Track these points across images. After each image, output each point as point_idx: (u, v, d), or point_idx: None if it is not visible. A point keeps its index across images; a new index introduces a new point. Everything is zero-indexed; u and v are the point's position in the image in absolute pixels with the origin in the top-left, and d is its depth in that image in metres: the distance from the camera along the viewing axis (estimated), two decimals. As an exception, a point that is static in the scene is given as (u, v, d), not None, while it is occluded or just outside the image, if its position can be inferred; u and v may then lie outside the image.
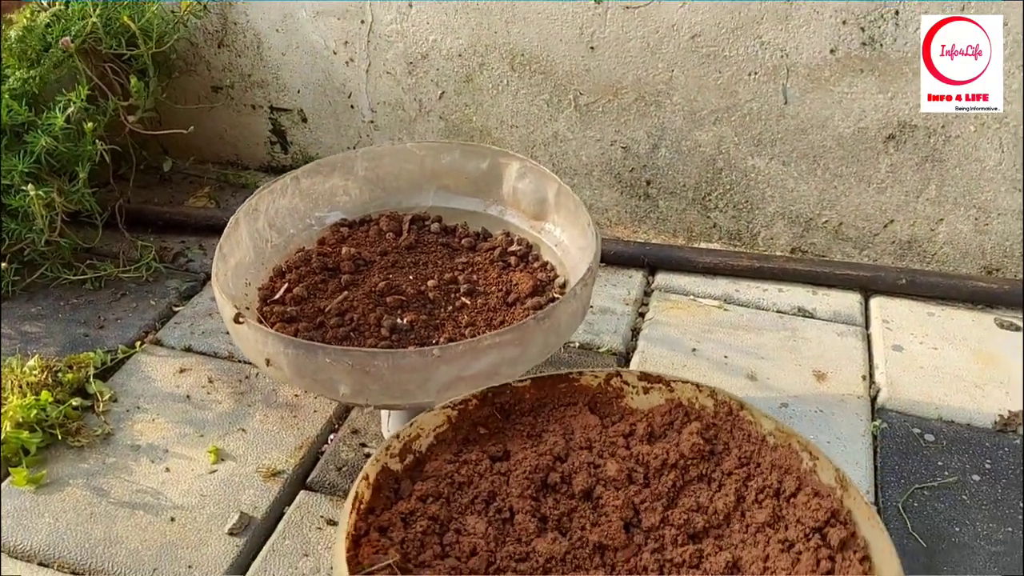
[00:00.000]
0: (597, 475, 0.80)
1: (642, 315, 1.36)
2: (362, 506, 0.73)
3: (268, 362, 0.85)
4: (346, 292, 1.01)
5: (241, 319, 0.84)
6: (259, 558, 0.95)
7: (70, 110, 1.26)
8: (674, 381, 0.83)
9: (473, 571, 0.72)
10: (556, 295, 1.02)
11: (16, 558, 0.94)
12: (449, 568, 0.71)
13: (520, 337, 0.85)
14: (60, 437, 1.07)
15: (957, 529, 1.00)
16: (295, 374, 0.84)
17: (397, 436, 0.77)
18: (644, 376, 0.84)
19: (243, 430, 1.11)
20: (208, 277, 1.41)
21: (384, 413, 1.07)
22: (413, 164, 1.14)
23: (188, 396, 1.16)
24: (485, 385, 0.83)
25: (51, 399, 1.08)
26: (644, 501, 0.78)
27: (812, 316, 1.35)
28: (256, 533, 0.98)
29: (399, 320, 0.97)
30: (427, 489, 0.77)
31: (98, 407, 1.12)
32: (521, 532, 0.75)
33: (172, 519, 0.99)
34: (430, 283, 1.03)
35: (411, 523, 0.74)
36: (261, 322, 0.96)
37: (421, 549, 0.72)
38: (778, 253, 1.47)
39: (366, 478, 0.73)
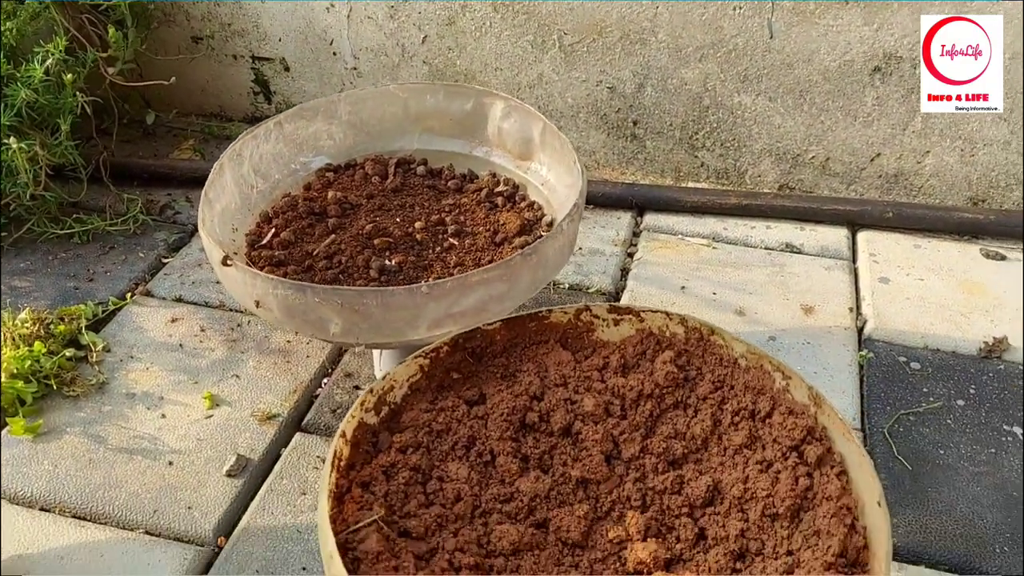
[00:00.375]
0: (574, 411, 0.81)
1: (631, 255, 1.37)
2: (342, 463, 0.72)
3: (258, 304, 0.85)
4: (333, 235, 1.01)
5: (229, 261, 0.84)
6: (257, 497, 0.97)
7: (48, 62, 1.25)
8: (644, 311, 0.84)
9: (459, 516, 0.73)
10: (544, 234, 1.02)
11: (17, 504, 0.96)
12: (435, 516, 0.72)
13: (508, 273, 0.85)
14: (55, 387, 1.08)
15: (941, 452, 1.02)
16: (285, 315, 0.85)
17: (371, 390, 0.77)
18: (613, 308, 0.85)
19: (237, 376, 1.12)
20: (196, 228, 1.40)
21: (376, 354, 1.07)
22: (397, 107, 1.14)
23: (181, 345, 1.17)
24: (474, 322, 0.84)
25: (44, 350, 1.09)
26: (623, 433, 0.79)
27: (800, 252, 1.36)
28: (254, 474, 1.00)
29: (387, 262, 0.98)
30: (406, 440, 0.77)
31: (92, 357, 1.13)
32: (504, 473, 0.76)
33: (170, 463, 1.00)
34: (417, 225, 1.03)
35: (393, 475, 0.74)
36: (250, 266, 0.96)
37: (405, 500, 0.72)
38: (766, 190, 1.48)
39: (343, 435, 0.73)
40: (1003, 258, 1.32)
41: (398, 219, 1.04)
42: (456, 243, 1.01)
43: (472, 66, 1.49)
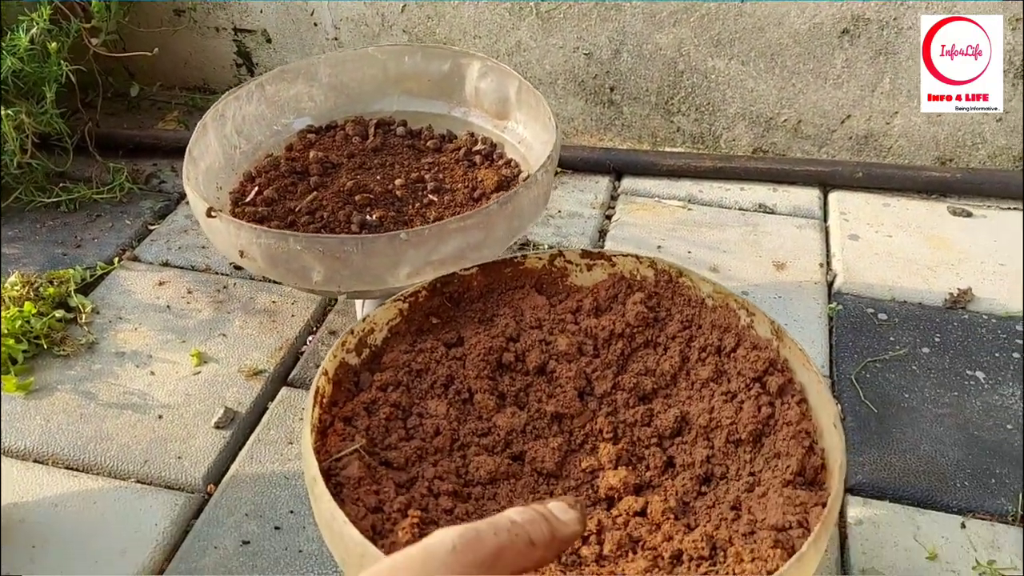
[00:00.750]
0: (549, 351, 0.84)
1: (609, 217, 1.40)
2: (324, 400, 0.75)
3: (242, 254, 0.88)
4: (315, 192, 1.04)
5: (214, 213, 0.87)
6: (246, 447, 1.00)
7: (33, 31, 1.26)
8: (615, 255, 0.87)
9: (438, 449, 0.76)
10: (520, 189, 1.05)
11: (10, 457, 0.98)
12: (415, 448, 0.75)
13: (484, 221, 0.88)
14: (46, 347, 1.10)
15: (906, 395, 1.06)
16: (269, 264, 0.87)
17: (351, 332, 0.80)
18: (586, 254, 0.88)
19: (224, 335, 1.14)
20: (181, 196, 1.43)
21: (358, 305, 1.10)
22: (376, 69, 1.16)
23: (168, 306, 1.19)
24: (452, 270, 0.87)
25: (35, 311, 1.11)
26: (595, 370, 0.83)
27: (773, 212, 1.40)
28: (241, 426, 1.02)
29: (368, 217, 1.01)
30: (386, 379, 0.80)
31: (81, 319, 1.15)
32: (481, 410, 0.79)
33: (160, 417, 1.03)
34: (397, 182, 1.06)
35: (374, 411, 0.77)
36: (234, 222, 0.98)
37: (386, 434, 0.75)
38: (740, 154, 1.51)
39: (325, 373, 0.76)
40: (969, 215, 1.36)
41: (378, 177, 1.07)
42: (435, 199, 1.04)
43: (451, 34, 1.51)
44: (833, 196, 1.42)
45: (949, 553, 0.89)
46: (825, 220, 1.38)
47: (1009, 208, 1.38)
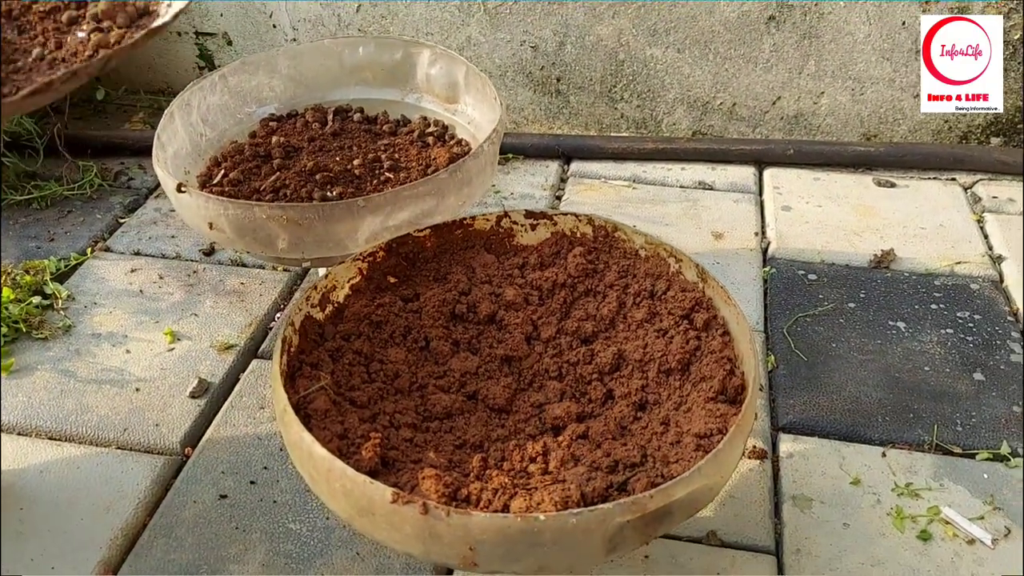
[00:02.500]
0: (498, 302, 0.92)
1: (559, 198, 1.48)
2: (292, 349, 0.82)
3: (211, 226, 0.95)
4: (279, 173, 1.11)
5: (184, 188, 0.94)
6: (220, 413, 1.06)
7: (1, 35, 1.32)
8: (556, 215, 0.96)
9: (399, 390, 0.83)
10: (471, 166, 1.13)
11: (-5, 431, 1.04)
12: (377, 389, 0.82)
13: (436, 188, 0.96)
14: (24, 330, 1.15)
15: (834, 345, 1.15)
16: (236, 234, 0.94)
17: (315, 287, 0.87)
18: (530, 214, 0.96)
19: (195, 315, 1.21)
20: (150, 191, 1.49)
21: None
22: (332, 60, 1.24)
23: (141, 291, 1.25)
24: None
25: (13, 297, 1.17)
26: (541, 317, 0.91)
27: (711, 188, 1.49)
28: (215, 395, 1.09)
29: (329, 193, 1.08)
30: (348, 329, 0.87)
31: (57, 304, 1.21)
32: (437, 355, 0.87)
33: (137, 390, 1.09)
34: (356, 162, 1.14)
35: (338, 358, 0.84)
36: (202, 202, 1.05)
37: (350, 377, 0.83)
38: (680, 136, 1.60)
39: (292, 324, 0.83)
40: (893, 185, 1.47)
41: (337, 158, 1.14)
42: (392, 176, 1.12)
43: (404, 31, 1.59)
44: (767, 172, 1.52)
45: (871, 478, 0.97)
46: (760, 194, 1.48)
47: (929, 178, 1.49)
